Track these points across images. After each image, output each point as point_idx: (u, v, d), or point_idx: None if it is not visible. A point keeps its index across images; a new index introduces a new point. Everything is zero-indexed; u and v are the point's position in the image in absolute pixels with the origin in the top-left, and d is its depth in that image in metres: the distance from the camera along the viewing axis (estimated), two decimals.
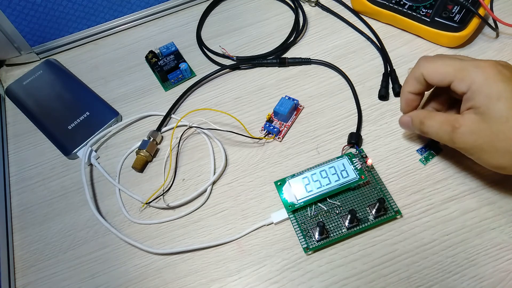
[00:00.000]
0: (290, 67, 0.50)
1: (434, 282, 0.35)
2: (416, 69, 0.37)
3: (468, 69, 0.33)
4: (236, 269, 0.37)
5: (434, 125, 0.35)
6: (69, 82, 0.51)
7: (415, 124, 0.37)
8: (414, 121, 0.37)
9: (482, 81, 0.32)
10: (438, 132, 0.35)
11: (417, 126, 0.37)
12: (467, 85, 0.33)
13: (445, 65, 0.35)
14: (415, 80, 0.37)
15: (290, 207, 0.38)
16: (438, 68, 0.35)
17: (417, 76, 0.36)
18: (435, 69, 0.35)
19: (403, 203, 0.39)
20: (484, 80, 0.32)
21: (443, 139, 0.35)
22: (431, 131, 0.36)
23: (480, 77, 0.32)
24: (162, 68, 0.50)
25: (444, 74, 0.34)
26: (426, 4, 0.47)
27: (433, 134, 0.36)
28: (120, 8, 0.54)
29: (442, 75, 0.34)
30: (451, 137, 0.34)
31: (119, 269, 0.38)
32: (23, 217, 0.42)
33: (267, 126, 0.44)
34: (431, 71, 0.35)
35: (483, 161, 0.34)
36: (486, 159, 0.33)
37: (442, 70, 0.35)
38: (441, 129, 0.35)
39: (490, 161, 0.33)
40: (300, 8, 0.54)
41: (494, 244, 0.36)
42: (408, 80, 0.38)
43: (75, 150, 0.45)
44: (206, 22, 0.56)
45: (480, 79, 0.32)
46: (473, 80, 0.33)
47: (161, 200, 0.41)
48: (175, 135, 0.45)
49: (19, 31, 0.50)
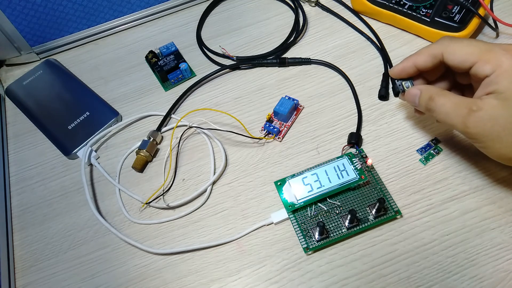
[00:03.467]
0: (290, 67, 0.50)
1: (434, 282, 0.35)
2: (436, 46, 0.35)
3: (496, 51, 0.32)
4: (236, 269, 0.37)
5: (446, 103, 0.33)
6: (69, 82, 0.51)
7: (423, 98, 0.35)
8: (423, 95, 0.35)
9: (510, 65, 0.31)
10: (450, 112, 0.32)
11: (425, 102, 0.34)
12: (492, 67, 0.31)
13: (470, 45, 0.33)
14: (431, 55, 0.35)
15: (290, 207, 0.38)
16: (463, 47, 0.33)
17: (435, 52, 0.34)
18: (460, 48, 0.33)
19: (403, 203, 0.39)
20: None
21: (452, 121, 0.33)
22: (441, 110, 0.33)
23: (509, 61, 0.31)
24: (162, 68, 0.50)
25: (468, 54, 0.33)
26: (426, 4, 0.47)
27: (442, 114, 0.33)
28: (120, 8, 0.54)
29: (467, 55, 0.33)
30: (464, 121, 0.32)
31: (119, 269, 0.38)
32: (23, 217, 0.42)
33: (267, 126, 0.44)
34: (455, 49, 0.33)
35: (493, 150, 0.32)
36: (497, 149, 0.31)
37: (467, 50, 0.33)
38: (455, 110, 0.32)
39: (502, 151, 0.31)
40: (300, 8, 0.54)
41: (494, 244, 0.36)
42: (421, 52, 0.36)
43: (75, 150, 0.45)
44: (206, 22, 0.56)
45: (508, 62, 0.31)
46: (500, 63, 0.31)
47: (161, 200, 0.41)
48: (175, 135, 0.45)
49: (19, 31, 0.50)
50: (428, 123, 0.43)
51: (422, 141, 0.42)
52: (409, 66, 0.37)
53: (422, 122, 0.43)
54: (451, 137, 0.42)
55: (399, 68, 0.37)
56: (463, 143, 0.41)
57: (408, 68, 0.37)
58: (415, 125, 0.43)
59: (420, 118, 0.43)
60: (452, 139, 0.42)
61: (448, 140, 0.42)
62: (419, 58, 0.36)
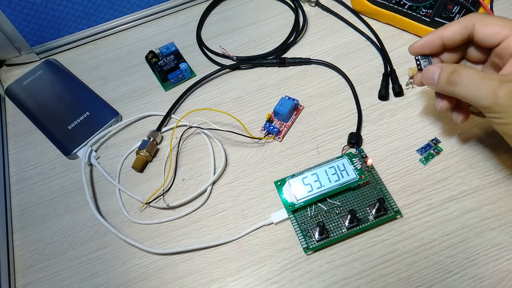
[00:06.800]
0: (290, 67, 0.50)
1: (434, 282, 0.35)
2: (468, 18, 0.34)
3: None
4: (236, 269, 0.37)
5: (473, 75, 0.31)
6: (69, 82, 0.51)
7: (444, 73, 0.33)
8: (445, 69, 0.33)
9: None
10: (477, 83, 0.31)
11: (447, 76, 0.33)
12: None
13: (504, 19, 0.33)
14: (461, 26, 0.34)
15: (290, 207, 0.38)
16: (496, 20, 0.33)
17: (467, 24, 0.34)
18: (493, 21, 0.33)
19: (403, 203, 0.39)
20: None
21: (480, 93, 0.31)
22: (467, 82, 0.32)
23: None
24: (162, 68, 0.50)
25: (502, 26, 0.32)
26: (426, 4, 0.47)
27: (468, 86, 0.32)
28: (120, 8, 0.54)
29: (500, 27, 0.32)
30: (495, 91, 0.30)
31: (119, 269, 0.38)
32: (23, 217, 0.42)
33: (267, 126, 0.44)
34: (488, 21, 0.33)
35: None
36: None
37: (501, 23, 0.33)
38: (483, 80, 0.31)
39: None
40: (300, 8, 0.54)
41: (494, 244, 0.36)
42: (451, 24, 0.34)
43: (75, 150, 0.45)
44: (206, 22, 0.56)
45: None
46: None
47: (161, 200, 0.41)
48: (175, 135, 0.45)
49: (19, 31, 0.50)
50: (428, 123, 0.43)
51: (422, 141, 0.42)
52: (434, 39, 0.35)
53: (422, 122, 0.43)
54: (451, 137, 0.42)
55: (422, 42, 0.36)
56: (463, 143, 0.41)
57: (432, 42, 0.35)
58: (415, 125, 0.43)
59: (421, 118, 0.43)
60: (452, 139, 0.42)
61: (448, 140, 0.42)
62: (448, 30, 0.35)
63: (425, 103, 0.44)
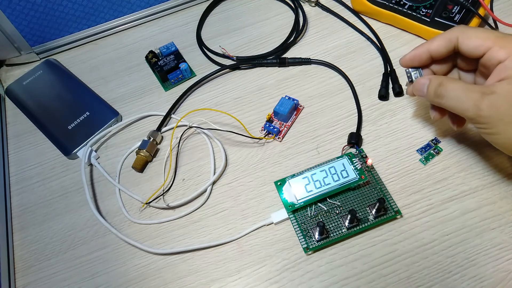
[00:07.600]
0: (290, 67, 0.50)
1: (434, 282, 0.35)
2: (452, 31, 0.35)
3: (510, 38, 0.32)
4: (236, 269, 0.37)
5: (457, 88, 0.33)
6: (69, 82, 0.51)
7: (432, 86, 0.35)
8: (432, 82, 0.35)
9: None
10: (461, 96, 0.32)
11: (434, 89, 0.34)
12: (507, 53, 0.32)
13: (486, 31, 0.34)
14: (446, 40, 0.35)
15: (290, 207, 0.38)
16: (479, 32, 0.34)
17: (451, 37, 0.35)
18: (476, 33, 0.34)
19: (403, 203, 0.39)
20: None
21: (464, 105, 0.32)
22: (452, 95, 0.33)
23: None
24: (162, 68, 0.50)
25: (484, 38, 0.33)
26: (426, 4, 0.47)
27: (453, 99, 0.33)
28: (120, 8, 0.54)
29: (482, 39, 0.33)
30: (477, 103, 0.31)
31: (119, 269, 0.38)
32: (23, 217, 0.42)
33: (267, 126, 0.44)
34: (471, 34, 0.34)
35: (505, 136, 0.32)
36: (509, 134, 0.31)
37: (483, 35, 0.33)
38: (467, 93, 0.32)
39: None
40: (300, 8, 0.54)
41: (494, 244, 0.36)
42: (436, 38, 0.36)
43: (75, 150, 0.45)
44: (206, 22, 0.56)
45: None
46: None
47: (161, 200, 0.41)
48: (175, 135, 0.45)
49: (19, 31, 0.50)
50: (428, 123, 0.43)
51: (422, 141, 0.42)
52: (422, 52, 0.37)
53: (422, 122, 0.43)
54: (451, 137, 0.42)
55: (411, 55, 0.37)
56: (463, 143, 0.41)
57: (420, 55, 0.37)
58: (415, 125, 0.43)
59: (421, 118, 0.43)
60: (452, 139, 0.42)
61: (448, 140, 0.42)
62: (433, 43, 0.36)
63: (425, 103, 0.44)
